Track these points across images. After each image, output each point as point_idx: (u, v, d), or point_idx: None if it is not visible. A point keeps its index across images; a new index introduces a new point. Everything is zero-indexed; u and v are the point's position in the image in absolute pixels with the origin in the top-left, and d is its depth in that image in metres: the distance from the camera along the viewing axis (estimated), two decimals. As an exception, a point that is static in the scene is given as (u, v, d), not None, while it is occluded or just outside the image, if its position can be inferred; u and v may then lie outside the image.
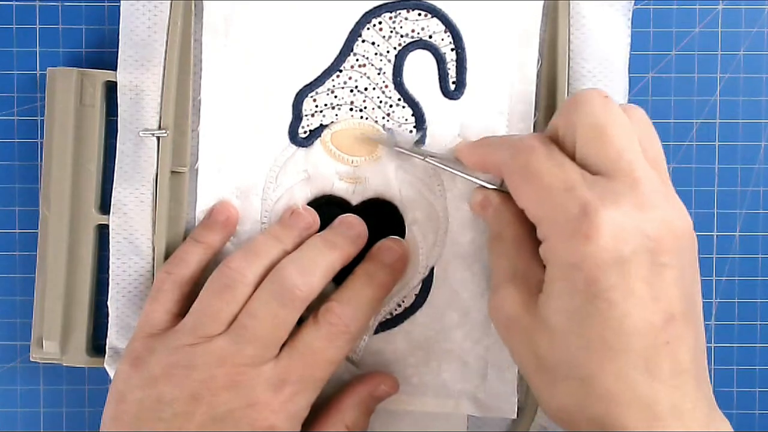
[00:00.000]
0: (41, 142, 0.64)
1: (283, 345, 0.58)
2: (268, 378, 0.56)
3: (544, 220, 0.51)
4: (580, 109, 0.52)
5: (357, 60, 0.62)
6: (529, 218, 0.53)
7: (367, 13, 0.62)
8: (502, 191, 0.57)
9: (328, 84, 0.62)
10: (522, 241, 0.55)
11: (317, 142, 0.62)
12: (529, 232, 0.54)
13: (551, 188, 0.50)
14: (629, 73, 0.63)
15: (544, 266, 0.52)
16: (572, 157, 0.52)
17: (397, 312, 0.63)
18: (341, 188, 0.63)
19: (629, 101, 0.63)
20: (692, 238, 0.51)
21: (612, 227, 0.48)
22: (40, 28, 0.65)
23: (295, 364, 0.57)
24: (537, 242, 0.52)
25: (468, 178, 0.59)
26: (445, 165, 0.60)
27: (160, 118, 0.62)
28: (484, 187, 0.59)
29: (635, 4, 0.62)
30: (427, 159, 0.60)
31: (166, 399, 0.56)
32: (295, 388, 0.57)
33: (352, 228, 0.61)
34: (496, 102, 0.62)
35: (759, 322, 0.66)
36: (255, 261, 0.58)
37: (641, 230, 0.48)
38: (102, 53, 0.65)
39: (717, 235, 0.66)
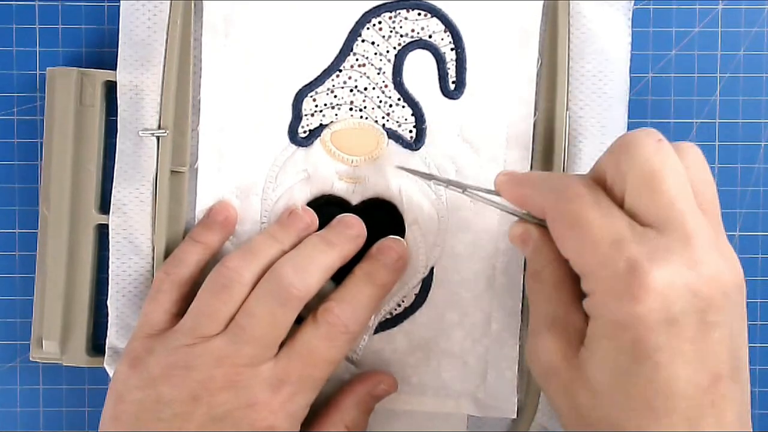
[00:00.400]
0: (41, 142, 0.64)
1: (282, 345, 0.58)
2: (266, 378, 0.56)
3: (590, 275, 0.49)
4: (631, 153, 0.49)
5: (357, 60, 0.62)
6: (573, 268, 0.51)
7: (366, 12, 0.62)
8: (543, 226, 0.54)
9: (328, 84, 0.62)
10: (563, 286, 0.53)
11: (317, 142, 0.63)
12: (571, 275, 0.52)
13: (598, 241, 0.48)
14: (629, 72, 0.63)
15: (586, 315, 0.50)
16: (620, 205, 0.50)
17: (396, 312, 0.63)
18: (341, 188, 0.63)
19: (629, 101, 0.63)
20: (742, 290, 0.49)
21: (661, 287, 0.46)
22: (39, 28, 0.65)
23: (294, 364, 0.57)
24: (579, 288, 0.51)
25: (507, 210, 0.57)
26: (483, 198, 0.58)
27: (160, 117, 0.62)
28: (525, 220, 0.56)
29: (635, 4, 0.62)
30: (466, 192, 0.59)
31: (165, 399, 0.56)
32: (294, 388, 0.57)
33: (350, 227, 0.61)
34: (496, 102, 0.62)
35: (759, 322, 0.66)
36: (252, 261, 0.58)
37: (691, 289, 0.46)
38: (102, 53, 0.65)
39: (717, 235, 0.66)
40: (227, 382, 0.56)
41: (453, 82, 0.62)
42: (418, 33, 0.62)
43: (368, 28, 0.62)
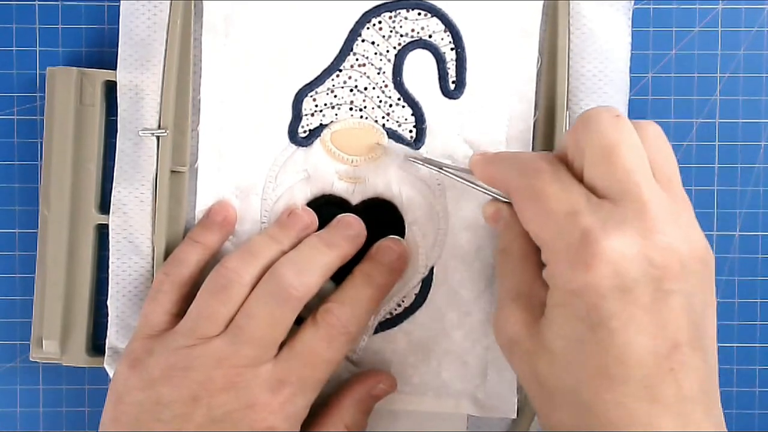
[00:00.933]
0: (41, 142, 0.64)
1: (282, 346, 0.58)
2: (266, 379, 0.56)
3: (547, 244, 0.51)
4: (590, 128, 0.50)
5: (357, 59, 0.62)
6: (533, 240, 0.52)
7: (366, 12, 0.62)
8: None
9: (328, 83, 0.62)
10: (528, 259, 0.54)
11: (317, 142, 0.62)
12: (537, 250, 0.53)
13: (554, 212, 0.50)
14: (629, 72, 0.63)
15: (548, 288, 0.51)
16: (580, 179, 0.51)
17: (396, 312, 0.63)
18: (341, 188, 0.63)
19: (629, 101, 0.63)
20: (704, 261, 0.49)
21: (613, 255, 0.47)
22: (39, 27, 0.65)
23: (294, 365, 0.57)
24: (543, 262, 0.52)
25: (481, 190, 0.58)
26: (459, 177, 0.59)
27: (160, 117, 0.62)
28: (497, 199, 0.57)
29: (635, 4, 0.63)
30: (443, 170, 0.60)
31: (164, 401, 0.56)
32: (294, 389, 0.57)
33: (350, 227, 0.61)
34: (496, 101, 0.62)
35: (759, 322, 0.66)
36: (251, 261, 0.58)
37: (645, 258, 0.47)
38: (102, 53, 0.65)
39: (717, 235, 0.66)
40: (227, 383, 0.55)
41: (453, 82, 0.62)
42: (418, 33, 0.62)
43: (368, 28, 0.62)
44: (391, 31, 0.62)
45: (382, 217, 0.62)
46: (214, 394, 0.55)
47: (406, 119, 0.62)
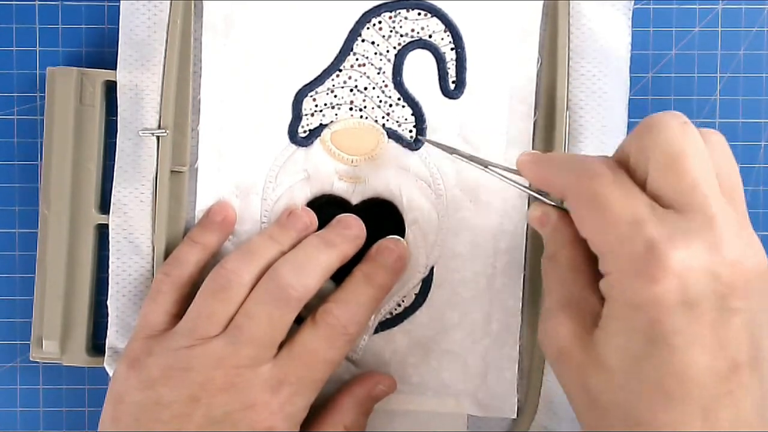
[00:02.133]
0: (41, 142, 0.64)
1: (282, 346, 0.58)
2: (266, 379, 0.56)
3: (608, 254, 0.48)
4: (656, 134, 0.48)
5: (357, 59, 0.62)
6: (591, 248, 0.50)
7: (366, 12, 0.62)
8: (562, 209, 0.54)
9: (328, 83, 0.62)
10: (579, 267, 0.52)
11: (317, 142, 0.63)
12: (588, 257, 0.52)
13: (617, 220, 0.47)
14: (629, 72, 0.63)
15: (602, 298, 0.49)
16: (643, 186, 0.49)
17: (397, 311, 0.63)
18: (341, 188, 0.63)
19: (629, 101, 0.63)
20: (766, 278, 0.47)
21: (680, 269, 0.45)
22: (39, 27, 0.65)
23: (294, 365, 0.57)
24: (595, 270, 0.50)
25: (527, 191, 0.57)
26: (504, 176, 0.58)
27: (160, 117, 0.62)
28: (544, 202, 0.55)
29: (635, 4, 0.63)
30: (488, 168, 0.58)
31: (164, 401, 0.55)
32: (294, 389, 0.57)
33: (349, 227, 0.61)
34: (496, 101, 0.62)
35: (759, 322, 0.66)
36: (251, 261, 0.58)
37: (711, 273, 0.45)
38: (102, 53, 0.65)
39: (717, 235, 0.66)
40: (226, 384, 0.55)
41: (453, 82, 0.62)
42: (418, 33, 0.62)
43: (368, 28, 0.62)
44: (391, 31, 0.62)
45: (382, 217, 0.62)
46: (214, 394, 0.55)
47: (406, 119, 0.62)
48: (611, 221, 0.48)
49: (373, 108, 0.62)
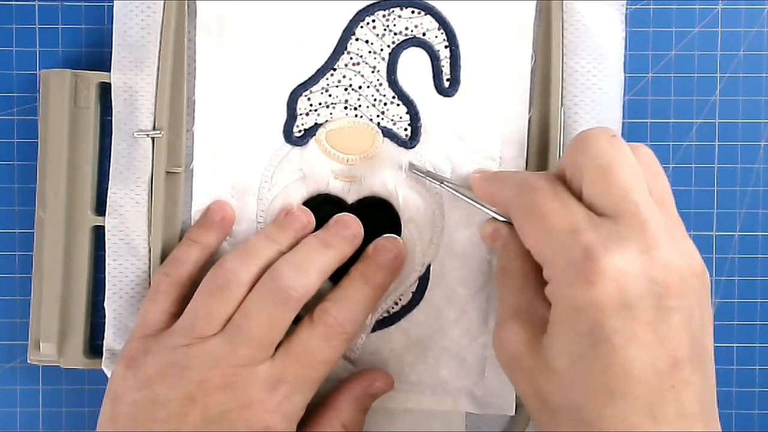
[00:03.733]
0: (40, 142, 0.65)
1: (279, 345, 0.58)
2: (263, 378, 0.56)
3: (548, 262, 0.51)
4: (587, 148, 0.51)
5: (351, 58, 0.62)
6: (534, 258, 0.52)
7: (360, 11, 0.62)
8: (512, 224, 0.56)
9: (323, 83, 0.62)
10: (528, 277, 0.55)
11: (312, 141, 0.63)
12: (536, 268, 0.53)
13: (555, 230, 0.50)
14: (628, 72, 0.63)
15: (550, 305, 0.51)
16: (579, 198, 0.52)
17: (394, 310, 0.63)
18: (336, 187, 0.63)
19: (629, 101, 0.63)
20: (701, 278, 0.50)
21: (615, 272, 0.47)
22: (39, 28, 0.66)
23: (291, 365, 0.57)
24: (543, 279, 0.52)
25: (480, 208, 0.59)
26: (460, 193, 0.60)
27: (155, 118, 0.62)
28: (495, 218, 0.58)
29: (635, 4, 0.63)
30: (443, 185, 0.61)
31: (161, 400, 0.55)
32: (291, 388, 0.57)
33: (347, 227, 0.61)
34: (491, 99, 0.62)
35: (759, 322, 0.66)
36: (249, 261, 0.58)
37: (646, 274, 0.48)
38: (101, 53, 0.65)
39: (716, 235, 0.66)
40: (223, 383, 0.55)
41: (447, 80, 0.62)
42: (412, 31, 0.62)
43: (362, 27, 0.62)
44: (384, 30, 0.62)
45: (378, 216, 0.62)
46: (211, 393, 0.55)
47: (401, 117, 0.62)
48: (551, 230, 0.51)
49: (367, 107, 0.62)
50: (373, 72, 0.62)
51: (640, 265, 0.48)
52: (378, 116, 0.62)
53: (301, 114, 0.62)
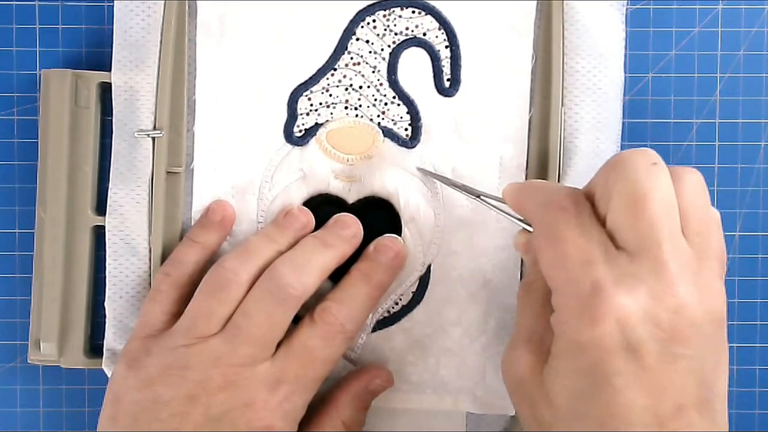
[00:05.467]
0: (41, 142, 0.65)
1: (280, 344, 0.58)
2: (264, 378, 0.56)
3: (557, 290, 0.49)
4: (621, 172, 0.48)
5: (351, 58, 0.62)
6: (546, 281, 0.51)
7: (361, 11, 0.62)
8: None
9: (323, 82, 0.62)
10: (549, 300, 0.51)
11: (312, 141, 0.63)
12: None
13: (569, 258, 0.48)
14: (628, 72, 0.63)
15: None
16: (604, 222, 0.49)
17: (394, 310, 0.63)
18: (337, 187, 0.63)
19: (629, 101, 0.63)
20: (717, 321, 0.48)
21: (620, 313, 0.46)
22: (39, 28, 0.66)
23: (291, 364, 0.57)
24: None
25: (514, 221, 0.57)
26: (494, 206, 0.59)
27: (155, 118, 0.62)
28: (527, 230, 0.56)
29: (635, 4, 0.63)
30: (480, 199, 0.59)
31: (162, 400, 0.56)
32: (292, 388, 0.57)
33: (347, 227, 0.61)
34: (491, 98, 0.62)
35: (759, 322, 0.66)
36: (249, 261, 0.58)
37: (651, 318, 0.46)
38: (102, 53, 0.65)
39: (717, 235, 0.66)
40: (224, 382, 0.56)
41: (448, 80, 0.62)
42: (412, 31, 0.62)
43: (362, 27, 0.62)
44: (385, 30, 0.62)
45: (378, 216, 0.62)
46: (212, 393, 0.55)
47: (401, 117, 0.62)
48: (564, 258, 0.48)
49: (368, 107, 0.62)
50: (373, 72, 0.62)
51: (647, 308, 0.46)
52: (378, 116, 0.62)
53: (301, 114, 0.62)
